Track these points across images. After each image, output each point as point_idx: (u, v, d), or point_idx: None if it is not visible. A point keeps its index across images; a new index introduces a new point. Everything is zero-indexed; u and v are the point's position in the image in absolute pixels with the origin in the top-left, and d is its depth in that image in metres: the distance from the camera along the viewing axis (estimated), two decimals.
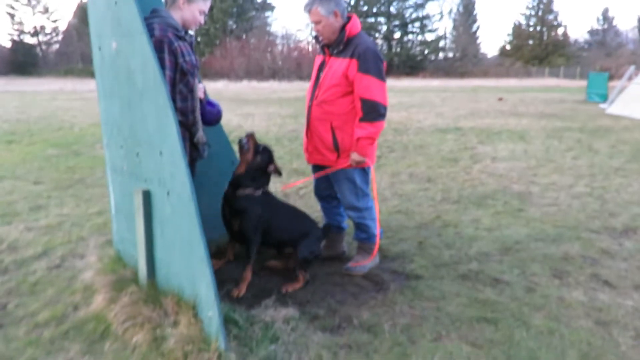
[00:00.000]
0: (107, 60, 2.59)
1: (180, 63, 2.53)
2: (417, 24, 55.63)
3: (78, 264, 3.21)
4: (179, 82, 2.57)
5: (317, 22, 2.87)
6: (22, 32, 51.50)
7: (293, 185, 3.32)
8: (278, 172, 3.06)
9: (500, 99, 18.47)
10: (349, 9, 54.02)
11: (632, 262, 3.35)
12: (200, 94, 2.74)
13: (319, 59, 3.11)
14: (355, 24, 2.92)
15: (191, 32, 2.80)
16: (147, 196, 2.46)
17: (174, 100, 2.56)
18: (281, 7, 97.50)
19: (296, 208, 3.25)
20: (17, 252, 3.44)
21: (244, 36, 47.83)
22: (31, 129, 10.08)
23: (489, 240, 3.76)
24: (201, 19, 2.75)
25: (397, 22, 55.17)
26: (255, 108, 14.94)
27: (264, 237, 2.98)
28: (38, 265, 3.21)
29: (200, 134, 2.70)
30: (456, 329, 2.48)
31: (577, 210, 4.51)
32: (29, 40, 51.89)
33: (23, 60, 49.13)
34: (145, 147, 2.43)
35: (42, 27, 52.41)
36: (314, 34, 2.98)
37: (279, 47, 50.17)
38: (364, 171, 3.03)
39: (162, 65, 2.45)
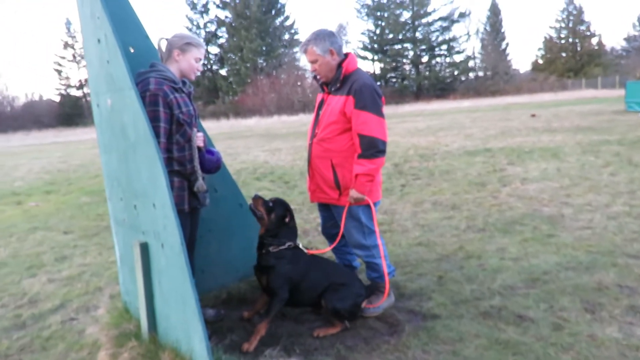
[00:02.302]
0: (104, 116, 2.65)
1: (176, 114, 2.56)
2: (444, 46, 55.52)
3: (90, 316, 3.23)
4: (176, 132, 2.59)
5: (313, 62, 2.88)
6: (68, 86, 55.03)
7: (317, 252, 3.11)
8: (292, 219, 2.94)
9: (533, 115, 17.93)
10: (375, 37, 54.95)
11: None
12: (199, 142, 2.75)
13: (319, 97, 3.10)
14: (352, 61, 2.90)
15: (193, 78, 2.83)
16: (145, 248, 2.45)
17: (170, 150, 2.59)
18: None
19: (333, 262, 3.07)
20: (37, 305, 3.50)
21: (274, 73, 49.08)
22: (70, 178, 10.55)
23: (514, 271, 3.52)
24: (198, 66, 2.79)
25: (423, 47, 55.27)
26: (283, 143, 15.13)
27: (296, 296, 2.82)
28: (53, 319, 3.24)
29: (200, 183, 2.69)
30: None
31: (613, 232, 4.20)
32: (75, 93, 55.33)
33: (70, 112, 52.32)
34: (141, 199, 2.44)
35: (87, 80, 55.80)
36: (313, 73, 2.98)
37: (309, 80, 51.16)
38: (369, 208, 2.92)
39: (158, 118, 2.49)
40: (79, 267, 4.32)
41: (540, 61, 57.62)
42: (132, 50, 2.80)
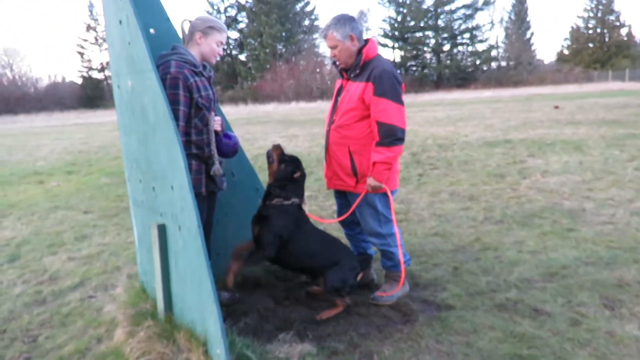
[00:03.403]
0: (125, 98, 2.67)
1: (195, 98, 2.56)
2: (466, 34, 54.38)
3: (108, 295, 3.29)
4: (194, 116, 2.60)
5: (333, 47, 2.84)
6: (90, 68, 55.59)
7: (320, 220, 3.32)
8: (302, 175, 2.99)
9: (556, 107, 17.53)
10: (396, 24, 54.10)
11: None
12: (217, 126, 2.75)
13: (338, 83, 3.06)
14: (372, 47, 2.85)
15: (214, 62, 2.82)
16: (162, 230, 2.47)
17: (189, 134, 2.60)
18: None
19: (330, 236, 3.08)
20: (57, 282, 3.59)
21: (293, 59, 48.83)
22: (90, 159, 10.74)
23: (532, 264, 3.47)
24: (219, 50, 2.77)
25: (445, 35, 54.24)
26: (301, 129, 15.10)
27: (286, 257, 2.87)
28: (73, 296, 3.32)
29: (217, 167, 2.70)
30: None
31: (636, 228, 4.09)
32: (96, 75, 55.91)
33: (91, 95, 53.02)
34: (159, 182, 2.45)
35: (108, 63, 56.28)
36: (332, 59, 2.94)
37: (328, 67, 50.75)
38: (386, 196, 2.90)
39: (177, 101, 2.49)
40: (98, 246, 4.41)
41: (566, 52, 56.08)
42: (152, 32, 2.80)
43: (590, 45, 54.12)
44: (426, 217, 4.81)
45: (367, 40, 2.87)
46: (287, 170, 2.92)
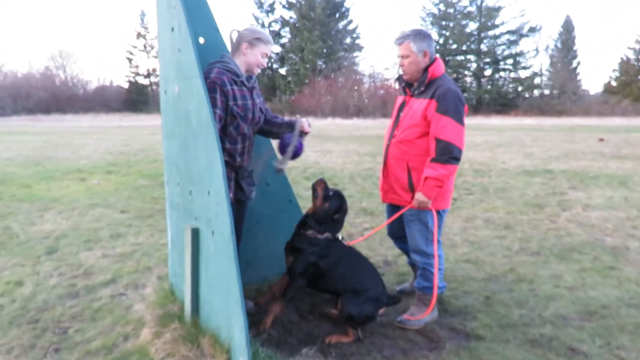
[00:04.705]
0: (170, 102, 2.74)
1: (230, 106, 2.61)
2: (509, 60, 53.62)
3: (139, 294, 3.35)
4: (230, 124, 2.65)
5: (404, 57, 2.89)
6: (137, 74, 57.92)
7: (357, 240, 3.36)
8: (343, 214, 2.95)
9: (601, 140, 16.93)
10: (438, 47, 53.94)
11: None
12: (306, 127, 2.90)
13: (400, 99, 3.12)
14: (439, 66, 2.89)
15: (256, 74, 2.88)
16: (195, 234, 2.51)
17: (222, 141, 2.63)
18: (370, 47, 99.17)
19: (364, 262, 2.99)
20: (90, 277, 3.69)
21: (332, 75, 49.33)
22: (130, 161, 11.08)
23: (569, 301, 3.32)
24: (263, 62, 2.83)
25: (488, 60, 53.64)
26: (336, 145, 15.15)
27: (319, 283, 2.87)
28: (104, 292, 3.40)
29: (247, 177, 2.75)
30: None
31: None
32: (142, 81, 58.15)
33: (136, 99, 55.15)
34: (197, 186, 2.50)
35: (154, 69, 58.49)
36: (399, 72, 2.99)
37: (366, 86, 51.00)
38: (439, 215, 2.90)
39: (214, 105, 2.54)
40: (131, 245, 4.51)
41: (614, 83, 54.30)
42: (202, 41, 2.89)
43: None
44: (459, 243, 4.70)
45: (434, 59, 2.89)
46: (330, 209, 2.88)
